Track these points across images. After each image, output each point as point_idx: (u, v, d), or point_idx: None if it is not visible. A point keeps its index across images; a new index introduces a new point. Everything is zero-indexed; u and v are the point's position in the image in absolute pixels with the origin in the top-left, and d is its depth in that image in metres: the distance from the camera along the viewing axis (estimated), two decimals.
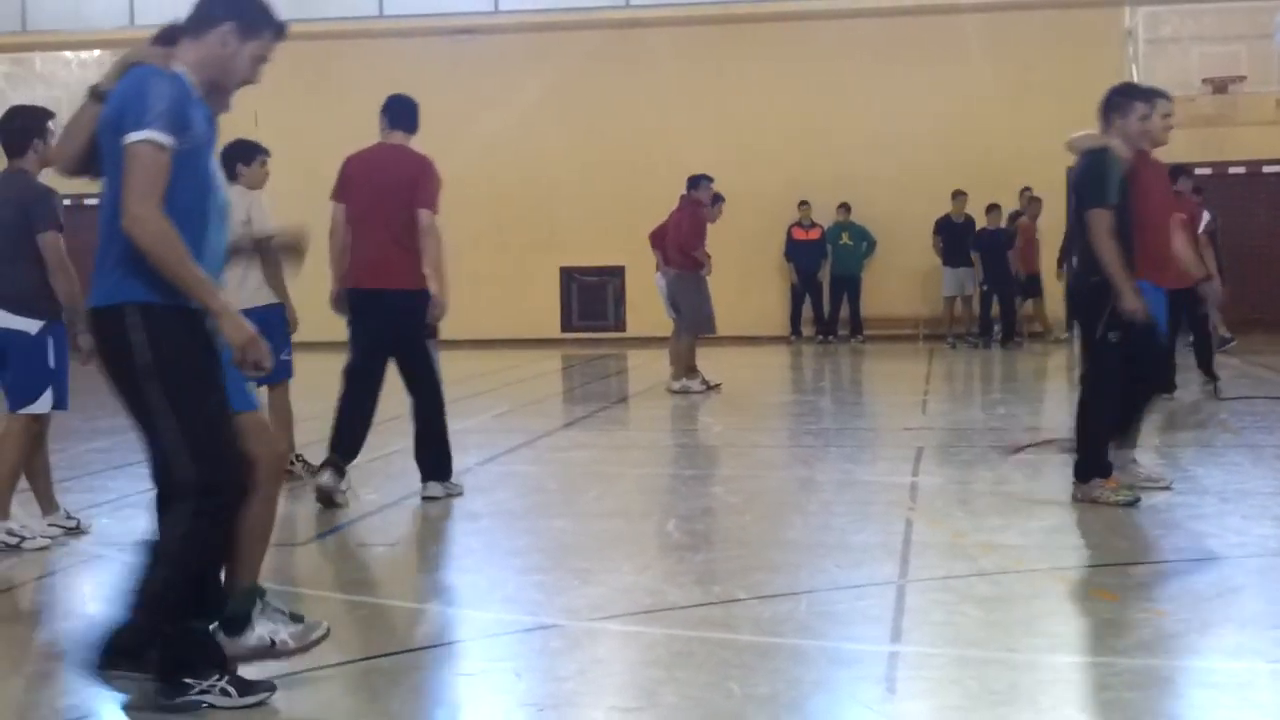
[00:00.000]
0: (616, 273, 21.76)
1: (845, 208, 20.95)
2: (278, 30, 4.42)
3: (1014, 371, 16.88)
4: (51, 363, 6.84)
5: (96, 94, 4.31)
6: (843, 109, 21.08)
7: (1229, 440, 10.06)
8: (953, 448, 10.12)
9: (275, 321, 8.13)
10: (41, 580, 6.47)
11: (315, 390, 9.15)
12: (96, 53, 22.12)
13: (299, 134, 21.30)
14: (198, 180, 4.21)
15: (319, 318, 8.64)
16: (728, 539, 7.18)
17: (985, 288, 19.91)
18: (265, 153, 8.56)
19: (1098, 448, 7.38)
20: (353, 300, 7.97)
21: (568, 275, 22.13)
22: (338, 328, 8.24)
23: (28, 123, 6.94)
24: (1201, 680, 4.61)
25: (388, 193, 7.88)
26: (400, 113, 8.12)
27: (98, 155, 4.31)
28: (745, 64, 21.40)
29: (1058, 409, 13.21)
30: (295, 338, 8.64)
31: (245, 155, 8.44)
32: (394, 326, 7.91)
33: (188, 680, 4.29)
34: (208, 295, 4.12)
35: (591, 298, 22.23)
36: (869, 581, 5.91)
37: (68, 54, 22.32)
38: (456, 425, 8.25)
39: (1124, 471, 7.57)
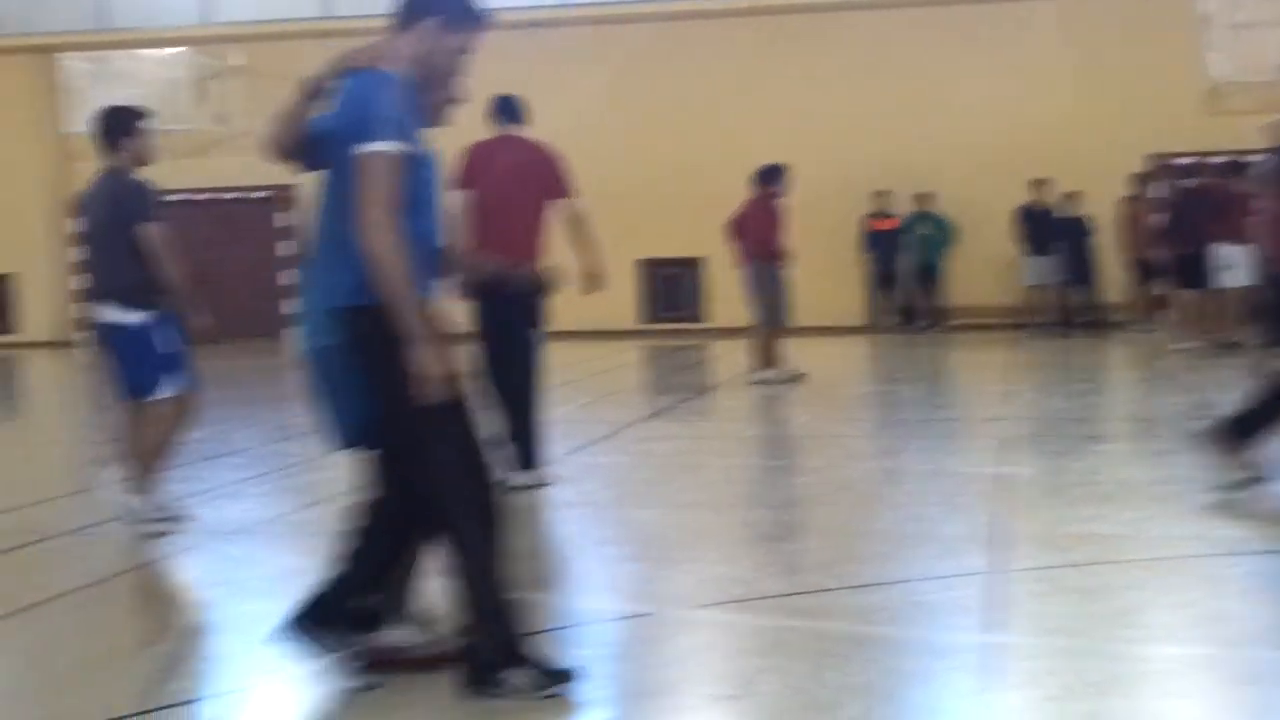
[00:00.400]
0: (695, 264, 21.75)
1: (924, 197, 20.82)
2: (481, 21, 4.43)
3: (1099, 361, 16.69)
4: (163, 349, 7.00)
5: (311, 91, 4.34)
6: (918, 96, 20.93)
7: None
8: (1040, 437, 10.03)
9: None
10: (144, 568, 6.61)
11: None
12: (176, 50, 22.46)
13: None
14: (419, 184, 4.25)
15: None
16: (816, 529, 7.18)
17: (1067, 276, 19.71)
18: None
19: (1252, 429, 7.19)
20: (478, 287, 8.05)
21: (646, 267, 22.16)
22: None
23: (118, 121, 7.12)
24: None
25: (516, 181, 8.05)
26: (514, 109, 8.38)
27: (307, 148, 4.36)
28: (819, 53, 21.31)
29: (1146, 398, 13.08)
30: None
31: None
32: (511, 312, 8.01)
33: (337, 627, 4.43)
34: (411, 320, 4.11)
35: (671, 289, 22.24)
36: (960, 572, 5.88)
37: (145, 51, 22.65)
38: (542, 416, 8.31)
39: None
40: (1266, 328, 7.41)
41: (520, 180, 8.07)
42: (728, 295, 19.49)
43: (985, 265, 21.02)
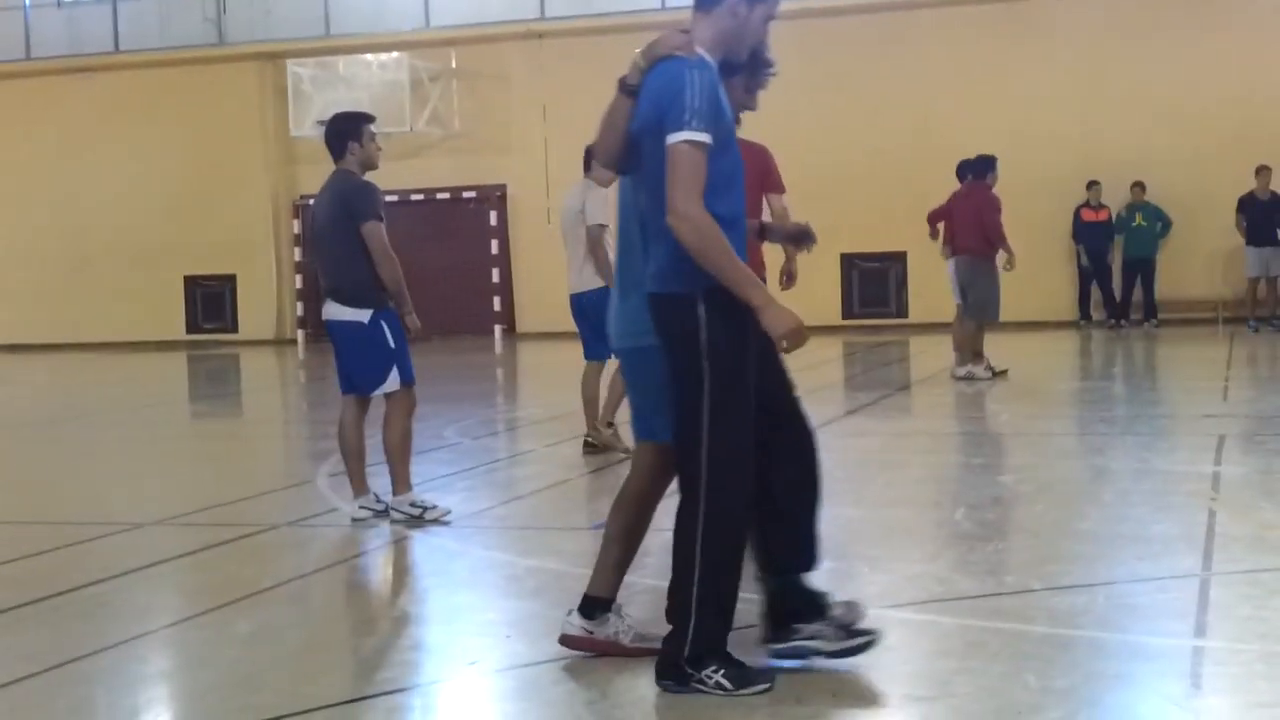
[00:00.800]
0: (898, 259, 21.52)
1: (1139, 186, 20.20)
2: None
3: None
4: (391, 344, 7.28)
5: (626, 88, 4.43)
6: (1132, 82, 20.32)
7: None
8: (1258, 436, 9.67)
9: (601, 304, 8.84)
10: (354, 560, 6.85)
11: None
12: (395, 54, 23.09)
13: (584, 127, 21.76)
14: (727, 167, 4.34)
15: None
16: (1019, 529, 7.05)
17: None
18: None
19: None
20: None
21: (848, 262, 21.99)
22: None
23: (344, 127, 7.41)
24: None
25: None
26: None
27: (631, 149, 4.47)
28: (1025, 42, 20.85)
29: None
30: None
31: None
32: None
33: (797, 625, 4.52)
34: (750, 288, 4.22)
35: (872, 284, 22.04)
36: (1170, 574, 5.72)
37: (368, 56, 23.31)
38: None
39: None
40: None
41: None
42: (928, 290, 19.24)
43: (1203, 257, 20.32)
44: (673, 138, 4.17)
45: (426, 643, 5.38)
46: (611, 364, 9.42)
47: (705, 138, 4.17)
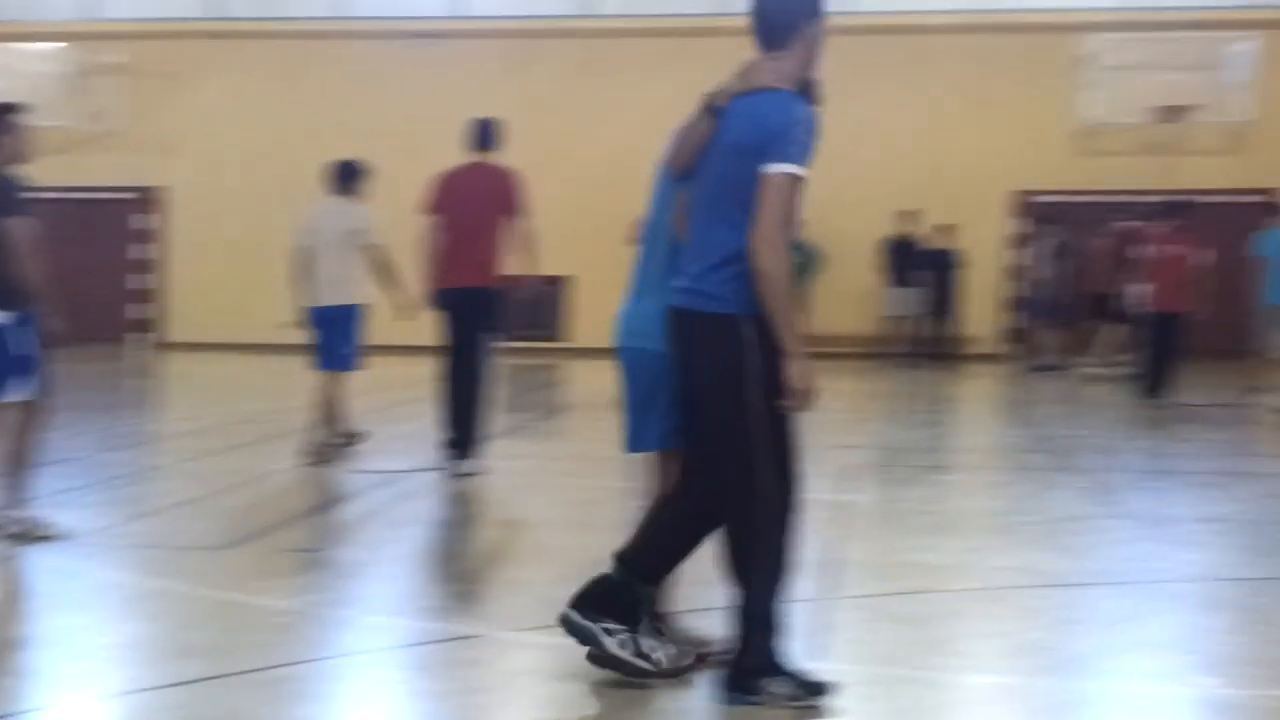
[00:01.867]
0: (561, 282, 21.71)
1: None
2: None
3: (952, 392, 17.00)
4: (15, 351, 6.85)
5: (713, 108, 4.43)
6: None
7: (1153, 467, 10.21)
8: (884, 466, 10.17)
9: (345, 319, 9.64)
10: None
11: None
12: (57, 44, 21.89)
13: (258, 133, 21.20)
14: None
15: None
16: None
17: (930, 309, 20.04)
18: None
19: None
20: (438, 298, 8.99)
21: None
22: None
23: None
24: (1111, 703, 4.65)
25: (470, 203, 8.94)
26: (474, 135, 9.22)
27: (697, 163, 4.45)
28: (696, 73, 21.39)
29: (993, 429, 13.34)
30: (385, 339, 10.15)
31: (364, 174, 9.90)
32: (462, 317, 8.92)
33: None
34: (794, 332, 4.25)
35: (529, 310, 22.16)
36: (790, 599, 5.92)
37: (28, 45, 22.02)
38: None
39: None
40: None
41: (469, 203, 8.92)
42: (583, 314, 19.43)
43: (848, 295, 21.28)
44: (776, 167, 4.22)
45: (30, 667, 5.06)
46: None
47: (804, 174, 4.26)
